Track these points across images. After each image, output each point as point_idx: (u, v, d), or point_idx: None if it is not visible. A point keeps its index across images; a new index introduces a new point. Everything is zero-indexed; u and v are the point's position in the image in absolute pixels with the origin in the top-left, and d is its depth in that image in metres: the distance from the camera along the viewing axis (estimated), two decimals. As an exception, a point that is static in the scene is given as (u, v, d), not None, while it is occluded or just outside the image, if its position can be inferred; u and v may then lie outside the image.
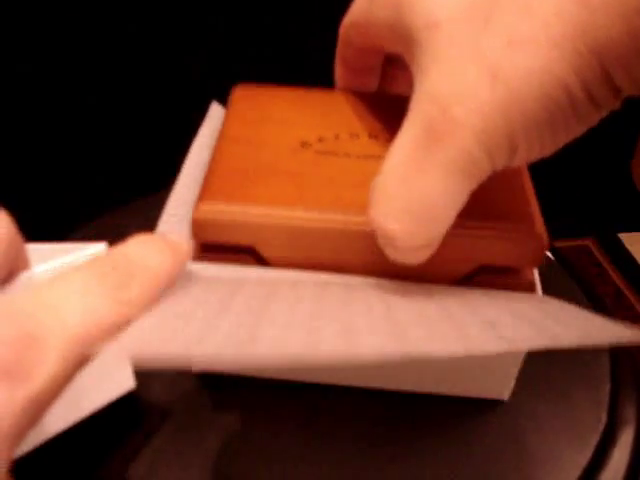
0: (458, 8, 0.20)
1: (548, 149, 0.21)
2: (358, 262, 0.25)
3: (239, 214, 0.24)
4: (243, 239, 0.24)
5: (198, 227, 0.24)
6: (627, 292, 0.92)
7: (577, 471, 0.25)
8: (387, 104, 0.29)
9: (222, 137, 0.27)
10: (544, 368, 0.28)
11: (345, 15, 0.27)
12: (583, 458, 0.26)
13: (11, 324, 0.17)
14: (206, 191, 0.25)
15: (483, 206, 0.24)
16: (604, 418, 0.27)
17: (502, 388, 0.27)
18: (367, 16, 0.26)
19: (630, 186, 0.25)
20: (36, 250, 0.22)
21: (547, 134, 0.20)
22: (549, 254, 0.35)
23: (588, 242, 1.02)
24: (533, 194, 0.26)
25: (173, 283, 0.22)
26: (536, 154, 0.21)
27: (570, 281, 0.34)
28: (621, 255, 0.99)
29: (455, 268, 0.25)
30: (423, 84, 0.21)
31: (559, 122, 0.20)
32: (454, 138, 0.20)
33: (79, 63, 0.65)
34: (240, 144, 0.27)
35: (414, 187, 0.21)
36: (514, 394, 0.27)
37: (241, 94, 0.30)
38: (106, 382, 0.25)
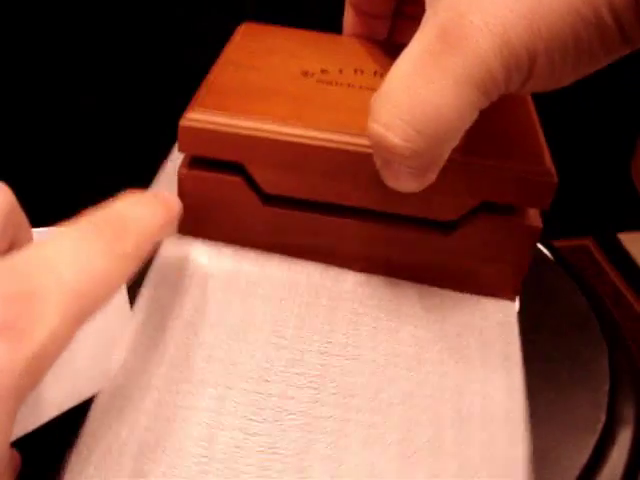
0: None
1: (566, 76, 0.19)
2: (353, 190, 0.23)
3: (229, 126, 0.22)
4: (233, 154, 0.23)
5: (185, 137, 0.23)
6: (626, 292, 0.92)
7: (576, 471, 0.25)
8: (395, 50, 0.29)
9: (221, 61, 0.26)
10: (543, 368, 0.29)
11: None
12: (582, 458, 0.26)
13: (9, 282, 0.16)
14: (197, 101, 0.23)
15: (491, 138, 0.23)
16: (603, 418, 0.27)
17: None
18: None
19: (630, 186, 0.25)
20: (39, 233, 0.22)
21: (569, 55, 0.19)
22: (548, 254, 0.35)
23: (587, 242, 1.02)
24: (542, 134, 0.25)
25: (166, 236, 0.22)
26: (554, 80, 0.19)
27: (569, 281, 0.34)
28: (620, 255, 0.99)
29: (456, 203, 0.23)
30: None
31: (583, 44, 0.18)
32: (470, 44, 0.18)
33: (77, 61, 0.64)
34: (239, 67, 0.25)
35: (421, 96, 0.19)
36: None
37: (246, 30, 0.29)
38: (103, 366, 0.24)
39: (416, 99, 0.19)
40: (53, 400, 0.23)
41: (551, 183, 0.23)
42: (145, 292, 0.24)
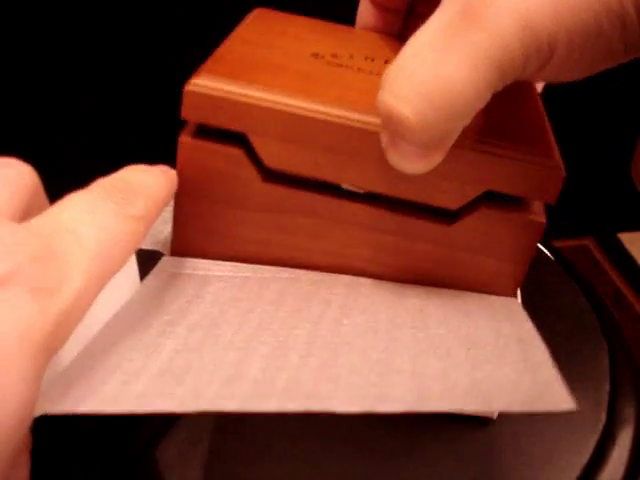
0: None
1: (582, 68, 0.19)
2: (354, 169, 0.23)
3: (234, 94, 0.22)
4: (236, 123, 0.23)
5: (189, 102, 0.23)
6: (626, 292, 0.92)
7: (576, 471, 0.25)
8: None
9: (231, 37, 0.26)
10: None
11: None
12: (582, 458, 0.26)
13: (33, 244, 0.17)
14: (204, 68, 0.23)
15: (499, 128, 0.23)
16: (603, 418, 0.27)
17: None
18: None
19: (630, 186, 0.25)
20: None
21: (589, 45, 0.18)
22: (548, 253, 0.35)
23: (587, 242, 1.02)
24: (549, 125, 0.24)
25: (169, 201, 0.22)
26: (569, 70, 0.19)
27: (569, 281, 0.34)
28: (620, 255, 0.99)
29: (459, 190, 0.23)
30: None
31: (604, 35, 0.18)
32: (493, 22, 0.18)
33: (76, 62, 0.64)
34: (250, 44, 0.25)
35: (437, 70, 0.18)
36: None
37: (259, 13, 0.29)
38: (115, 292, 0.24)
39: (432, 72, 0.18)
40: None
41: (559, 176, 0.23)
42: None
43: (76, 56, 0.64)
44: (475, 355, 0.21)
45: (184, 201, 0.24)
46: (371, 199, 0.24)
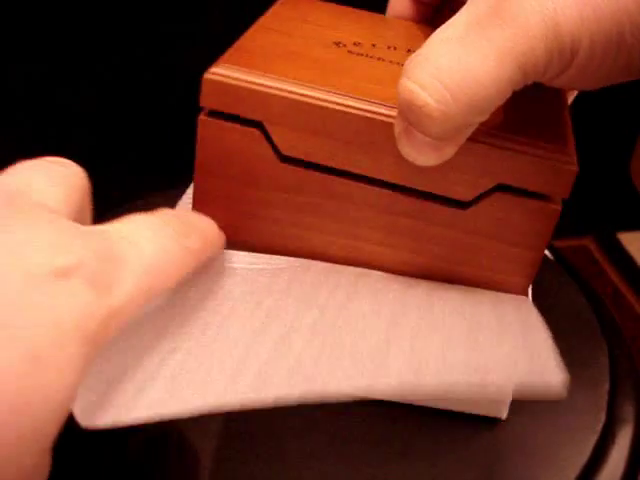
0: None
1: (598, 80, 0.20)
2: (369, 158, 0.23)
3: (251, 83, 0.23)
4: (252, 112, 0.23)
5: (207, 90, 0.23)
6: (626, 292, 0.92)
7: (576, 470, 0.25)
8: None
9: (255, 26, 0.26)
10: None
11: None
12: (582, 458, 0.26)
13: (102, 244, 0.18)
14: (223, 58, 0.24)
15: (518, 121, 0.23)
16: (603, 418, 0.27)
17: (500, 407, 0.26)
18: None
19: (629, 186, 0.25)
20: None
21: (609, 58, 0.19)
22: (548, 253, 0.35)
23: (587, 241, 1.02)
24: (570, 123, 0.24)
25: (215, 254, 0.23)
26: (587, 78, 0.20)
27: (569, 281, 0.34)
28: (620, 255, 0.99)
29: (472, 182, 0.23)
30: None
31: (625, 45, 0.19)
32: (520, 21, 0.18)
33: (81, 60, 0.64)
34: (271, 31, 0.26)
35: (462, 62, 0.19)
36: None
37: (285, 1, 0.29)
38: None
39: (456, 64, 0.19)
40: None
41: (570, 171, 0.23)
42: None
43: (76, 56, 0.64)
44: (476, 337, 0.22)
45: (203, 178, 0.25)
46: (386, 184, 0.24)
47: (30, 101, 0.66)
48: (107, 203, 0.36)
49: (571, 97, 0.29)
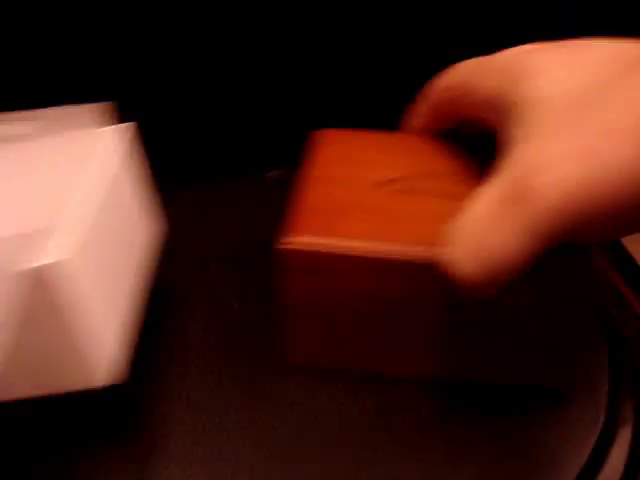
0: (565, 92, 0.22)
1: (603, 238, 0.23)
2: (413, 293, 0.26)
3: (322, 246, 0.25)
4: (331, 271, 0.26)
5: (284, 259, 0.25)
6: (626, 291, 0.92)
7: (575, 471, 0.25)
8: (462, 144, 0.30)
9: (305, 177, 0.28)
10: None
11: (438, 78, 0.29)
12: (581, 458, 0.26)
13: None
14: (290, 226, 0.26)
15: None
16: (602, 418, 0.27)
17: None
18: (465, 84, 0.27)
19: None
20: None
21: (619, 232, 0.22)
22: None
23: (587, 242, 1.01)
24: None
25: None
26: (592, 239, 0.22)
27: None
28: (620, 254, 0.99)
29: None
30: (512, 152, 0.22)
31: (636, 227, 0.21)
32: (538, 201, 0.21)
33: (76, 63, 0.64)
34: (321, 183, 0.28)
35: (487, 240, 0.22)
36: (512, 393, 0.27)
37: (321, 139, 0.31)
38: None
39: (484, 242, 0.22)
40: None
41: None
42: None
43: (76, 56, 0.64)
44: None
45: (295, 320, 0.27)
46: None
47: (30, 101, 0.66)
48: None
49: None
